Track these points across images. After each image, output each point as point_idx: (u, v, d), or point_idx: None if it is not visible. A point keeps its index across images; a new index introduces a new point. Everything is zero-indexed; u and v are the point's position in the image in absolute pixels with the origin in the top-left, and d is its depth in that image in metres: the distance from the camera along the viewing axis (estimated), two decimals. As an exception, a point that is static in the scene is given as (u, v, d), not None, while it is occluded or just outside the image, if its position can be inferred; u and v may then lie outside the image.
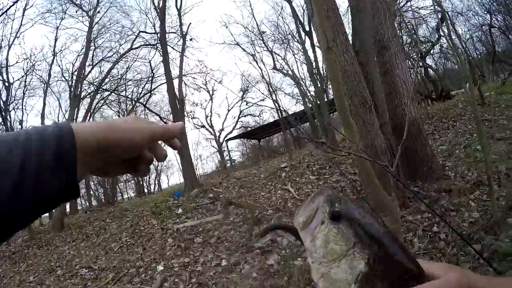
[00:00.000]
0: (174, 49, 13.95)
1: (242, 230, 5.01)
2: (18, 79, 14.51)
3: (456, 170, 5.09)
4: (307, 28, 14.69)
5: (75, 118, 13.39)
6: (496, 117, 7.20)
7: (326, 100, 13.55)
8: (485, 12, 15.18)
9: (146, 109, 16.25)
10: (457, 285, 0.34)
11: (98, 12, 14.67)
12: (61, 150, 0.37)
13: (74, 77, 13.76)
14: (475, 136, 6.32)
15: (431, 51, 15.14)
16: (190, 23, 18.75)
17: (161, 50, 12.07)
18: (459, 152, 5.93)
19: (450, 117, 8.70)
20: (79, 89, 13.36)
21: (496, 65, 16.16)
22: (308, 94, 15.66)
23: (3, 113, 12.58)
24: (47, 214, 10.19)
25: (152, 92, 17.38)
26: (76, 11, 14.46)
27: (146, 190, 25.66)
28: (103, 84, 15.00)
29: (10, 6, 11.95)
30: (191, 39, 14.70)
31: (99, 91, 15.05)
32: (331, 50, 1.84)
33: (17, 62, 16.55)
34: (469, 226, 3.46)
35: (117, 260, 5.34)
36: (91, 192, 22.01)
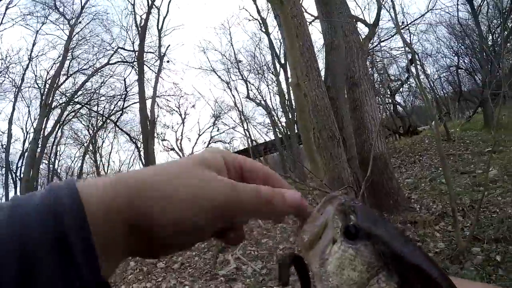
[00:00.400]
0: (150, 69, 14.03)
1: (207, 257, 4.91)
2: (-11, 80, 13.89)
3: (421, 202, 5.29)
4: (282, 61, 15.24)
5: (43, 127, 12.88)
6: (461, 152, 7.61)
7: (296, 131, 13.91)
8: (453, 55, 16.32)
9: (116, 127, 15.89)
10: None
11: (80, 22, 14.55)
12: (65, 244, 0.22)
13: (47, 86, 13.34)
14: (440, 170, 6.64)
15: (401, 89, 16.04)
16: (169, 45, 18.89)
17: (137, 69, 12.05)
18: (425, 185, 6.17)
19: (416, 152, 9.10)
20: (50, 99, 12.94)
21: (462, 103, 17.28)
22: (279, 125, 16.03)
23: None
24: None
25: (124, 110, 17.08)
26: (57, 19, 14.25)
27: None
28: (75, 96, 14.63)
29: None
30: (168, 61, 14.87)
31: (71, 103, 14.63)
32: (301, 86, 1.94)
33: (-9, 62, 15.88)
34: (435, 256, 3.54)
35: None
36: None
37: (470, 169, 6.20)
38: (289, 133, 14.15)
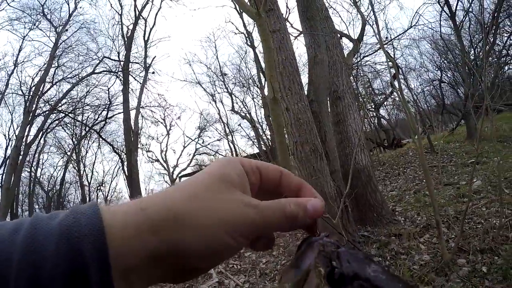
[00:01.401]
0: (135, 79, 13.97)
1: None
2: (-27, 85, 13.53)
3: (406, 214, 5.31)
4: (267, 75, 15.38)
5: (26, 135, 12.59)
6: (445, 163, 7.73)
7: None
8: (436, 69, 16.82)
9: (100, 137, 15.65)
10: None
11: (67, 30, 14.42)
12: (79, 269, 0.22)
13: (31, 93, 13.09)
14: (424, 182, 6.72)
15: (385, 103, 16.38)
16: (155, 56, 18.96)
17: (122, 79, 11.97)
18: (409, 197, 6.21)
19: (400, 164, 9.22)
20: (34, 106, 12.70)
21: (445, 116, 17.72)
22: (264, 137, 16.07)
23: None
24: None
25: (108, 120, 16.87)
26: (44, 26, 14.09)
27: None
28: (59, 105, 14.40)
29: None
30: (153, 72, 14.86)
31: (55, 111, 14.38)
32: (277, 102, 1.94)
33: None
34: (420, 268, 3.53)
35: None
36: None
37: (454, 181, 6.28)
38: (273, 146, 14.21)
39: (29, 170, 17.40)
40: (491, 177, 5.75)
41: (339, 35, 7.72)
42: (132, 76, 12.94)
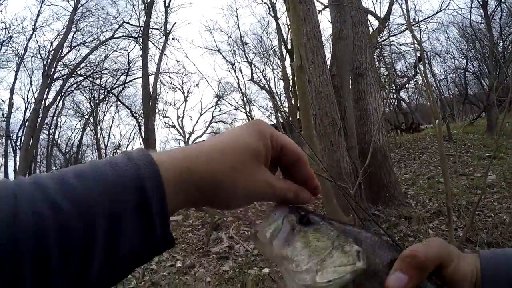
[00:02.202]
0: (154, 45, 13.81)
1: (200, 234, 4.99)
2: (-7, 49, 13.77)
3: (417, 198, 5.32)
4: (289, 47, 15.03)
5: (44, 98, 12.85)
6: (461, 153, 7.63)
7: (297, 118, 13.74)
8: (462, 57, 16.14)
9: (118, 101, 15.81)
10: (439, 244, 0.37)
11: (86, -6, 14.31)
12: (146, 203, 0.29)
13: (50, 57, 13.23)
14: (439, 169, 6.66)
15: (406, 86, 15.93)
16: (175, 23, 18.55)
17: (141, 44, 11.89)
18: (422, 182, 6.19)
19: (417, 149, 9.10)
20: (53, 70, 12.87)
21: (467, 106, 17.19)
22: (281, 109, 15.90)
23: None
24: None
25: (126, 84, 16.96)
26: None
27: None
28: (78, 69, 14.52)
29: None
30: (173, 38, 14.61)
31: (73, 75, 14.55)
32: (303, 70, 1.93)
33: (-5, 31, 15.70)
34: None
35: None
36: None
37: (469, 172, 6.22)
38: (290, 119, 14.11)
39: (47, 133, 17.85)
40: (507, 173, 5.66)
41: (365, 12, 7.45)
42: (151, 41, 12.85)
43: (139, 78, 14.16)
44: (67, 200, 0.27)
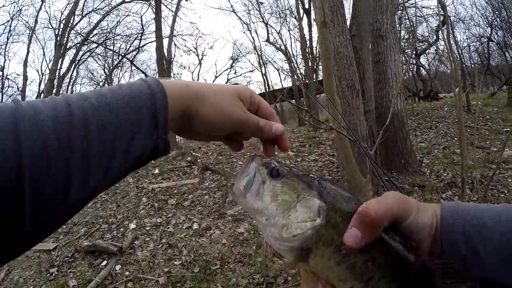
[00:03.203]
0: (167, 7, 13.45)
1: (216, 196, 5.09)
2: (3, 24, 13.69)
3: (432, 168, 5.26)
4: (306, 6, 14.41)
5: (59, 68, 12.89)
6: (479, 126, 7.42)
7: (314, 80, 13.50)
8: (487, 25, 15.29)
9: (132, 65, 15.76)
10: (394, 198, 0.39)
11: (95, -41, 13.87)
12: (155, 110, 0.38)
13: (61, 26, 13.11)
14: (455, 140, 6.52)
15: (427, 51, 15.26)
16: (188, -17, 17.92)
17: (154, 7, 11.59)
18: (438, 152, 6.11)
19: (434, 118, 8.90)
20: (65, 39, 12.79)
21: (488, 77, 16.48)
22: (298, 72, 15.51)
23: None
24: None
25: (140, 49, 16.80)
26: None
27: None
28: (90, 36, 14.39)
29: None
30: (186, 0, 14.15)
31: (86, 43, 14.45)
32: (326, 25, 1.84)
33: (3, 6, 15.55)
34: None
35: (90, 215, 5.33)
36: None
37: (485, 145, 6.08)
38: (307, 81, 13.78)
39: (63, 102, 18.07)
40: (523, 150, 5.50)
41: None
42: (164, 4, 12.47)
43: (152, 42, 13.98)
44: (106, 109, 0.36)
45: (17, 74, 15.03)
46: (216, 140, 0.51)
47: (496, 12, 14.54)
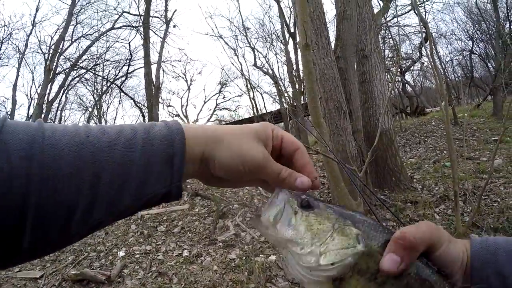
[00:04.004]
0: (156, 34, 13.64)
1: (207, 222, 4.98)
2: (-7, 47, 13.71)
3: (423, 183, 5.26)
4: (292, 30, 14.77)
5: (48, 93, 12.84)
6: (467, 137, 7.53)
7: (302, 103, 13.67)
8: (468, 39, 15.81)
9: (121, 91, 15.77)
10: (429, 227, 0.39)
11: (84, -14, 14.11)
12: (170, 154, 0.38)
13: (51, 51, 13.16)
14: (445, 153, 6.58)
15: (411, 68, 15.66)
16: (176, 10, 18.31)
17: (142, 33, 11.74)
18: (428, 166, 6.13)
19: (422, 133, 9.01)
20: (54, 64, 12.80)
21: (472, 89, 16.91)
22: (285, 94, 15.74)
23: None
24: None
25: (128, 75, 16.86)
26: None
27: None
28: (79, 61, 14.44)
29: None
30: (174, 26, 14.39)
31: (75, 68, 14.47)
32: (309, 48, 1.85)
33: (-7, 29, 15.58)
34: None
35: (78, 243, 5.15)
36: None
37: (475, 156, 6.14)
38: (295, 103, 13.94)
39: (51, 127, 17.90)
40: (513, 157, 5.58)
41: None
42: (152, 30, 12.60)
43: (141, 67, 14.05)
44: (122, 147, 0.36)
45: (6, 98, 14.89)
46: (248, 186, 0.51)
47: (476, 25, 15.06)
